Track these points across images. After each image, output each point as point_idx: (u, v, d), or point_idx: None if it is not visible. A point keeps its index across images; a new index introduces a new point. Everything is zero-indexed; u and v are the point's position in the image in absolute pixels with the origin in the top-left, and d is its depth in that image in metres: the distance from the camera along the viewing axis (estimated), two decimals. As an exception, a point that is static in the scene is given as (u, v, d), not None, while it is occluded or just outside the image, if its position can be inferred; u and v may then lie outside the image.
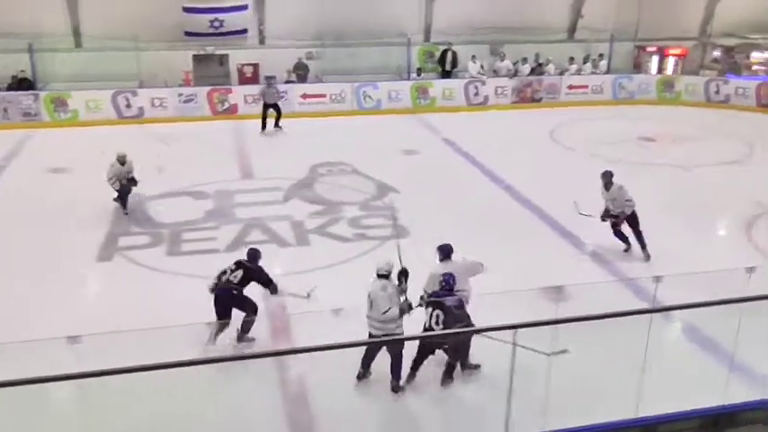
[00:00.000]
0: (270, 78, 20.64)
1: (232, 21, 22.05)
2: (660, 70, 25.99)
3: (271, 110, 19.88)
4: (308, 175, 15.87)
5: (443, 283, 8.02)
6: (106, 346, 6.09)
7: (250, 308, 8.71)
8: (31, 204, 13.93)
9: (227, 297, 8.63)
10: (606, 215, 11.78)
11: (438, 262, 8.60)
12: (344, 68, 23.19)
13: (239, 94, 21.54)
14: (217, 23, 21.78)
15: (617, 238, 11.85)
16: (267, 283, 8.86)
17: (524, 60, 23.98)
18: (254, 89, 21.71)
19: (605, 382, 7.85)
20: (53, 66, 21.52)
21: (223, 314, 8.56)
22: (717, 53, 26.77)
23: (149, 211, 13.63)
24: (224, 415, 7.11)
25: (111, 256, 11.69)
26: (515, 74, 23.63)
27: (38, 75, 21.36)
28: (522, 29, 24.59)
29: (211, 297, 8.66)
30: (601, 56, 24.78)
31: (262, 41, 23.24)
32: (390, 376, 7.81)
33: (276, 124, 19.96)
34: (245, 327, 8.63)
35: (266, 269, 8.99)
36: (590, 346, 8.21)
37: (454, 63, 23.82)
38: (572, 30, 25.97)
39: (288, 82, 22.47)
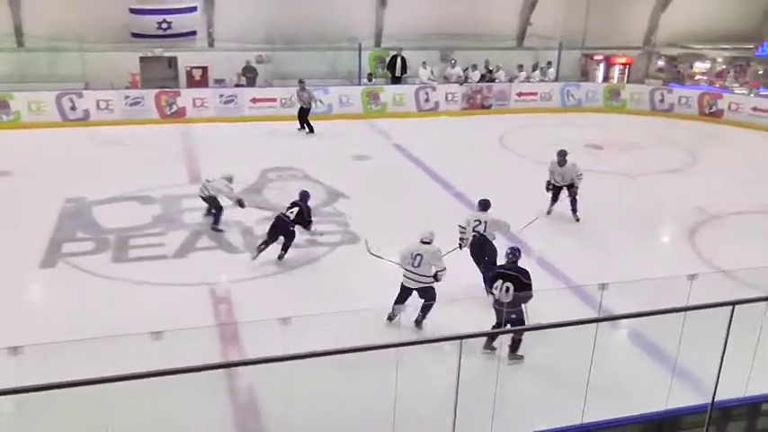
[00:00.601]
0: (301, 82, 20.52)
1: (180, 22, 21.74)
2: (606, 78, 26.56)
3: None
4: (257, 181, 15.74)
5: (510, 255, 8.86)
6: (49, 357, 5.95)
7: (291, 239, 11.43)
8: (-31, 209, 13.51)
9: (283, 225, 11.38)
10: (549, 186, 13.85)
11: (476, 211, 10.79)
12: (295, 73, 23.10)
13: (188, 97, 21.25)
14: (165, 25, 21.44)
15: (550, 197, 13.87)
16: (307, 223, 11.63)
17: (474, 67, 24.22)
18: (203, 92, 21.53)
19: (552, 388, 7.96)
20: (-6, 66, 20.97)
21: (273, 237, 11.39)
22: (661, 63, 27.53)
23: (95, 216, 13.33)
24: (173, 425, 7.01)
25: (54, 263, 11.37)
26: (465, 80, 23.84)
27: (-23, 75, 20.76)
28: (471, 36, 24.86)
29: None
30: (549, 63, 25.18)
31: (211, 44, 22.99)
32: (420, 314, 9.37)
33: (302, 127, 20.24)
34: (285, 247, 11.41)
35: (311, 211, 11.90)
36: (537, 353, 8.34)
37: (404, 69, 23.91)
38: (521, 37, 26.34)
39: (237, 86, 22.29)
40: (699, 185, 16.38)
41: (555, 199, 13.88)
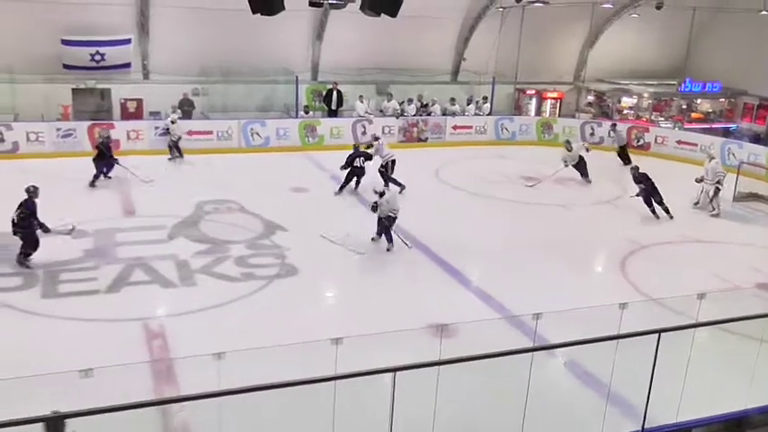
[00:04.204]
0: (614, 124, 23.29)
1: (114, 55, 21.43)
2: (539, 112, 27.28)
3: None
4: (193, 213, 15.52)
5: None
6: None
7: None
8: None
9: None
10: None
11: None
12: (231, 105, 23.01)
13: (122, 130, 20.86)
14: (98, 57, 21.13)
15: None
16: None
17: (410, 101, 24.55)
18: (138, 124, 21.18)
19: (489, 419, 7.99)
20: None
21: None
22: (590, 97, 28.45)
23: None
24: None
25: (-21, 299, 10.97)
26: (401, 114, 24.13)
27: None
28: (407, 70, 25.28)
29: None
30: (485, 98, 25.71)
31: (146, 76, 22.71)
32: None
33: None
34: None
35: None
36: (474, 383, 8.38)
37: (340, 102, 24.09)
38: (455, 72, 26.89)
39: (172, 118, 22.04)
40: (629, 216, 16.87)
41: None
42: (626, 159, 22.06)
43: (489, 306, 11.49)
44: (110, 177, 17.83)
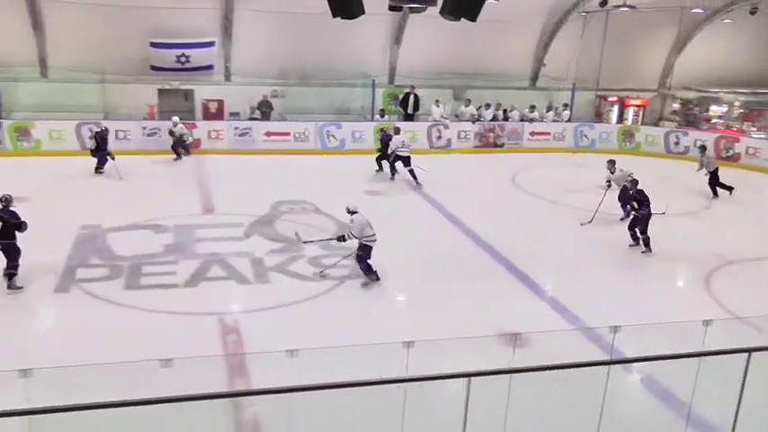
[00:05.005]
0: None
1: (199, 57, 22.09)
2: (621, 120, 26.62)
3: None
4: (269, 213, 15.78)
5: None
6: (58, 381, 5.92)
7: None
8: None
9: None
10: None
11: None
12: (308, 107, 23.32)
13: (203, 130, 21.48)
14: (183, 59, 21.80)
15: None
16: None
17: (487, 106, 24.36)
18: (218, 125, 21.71)
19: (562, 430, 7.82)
20: (17, 95, 21.34)
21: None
22: (676, 105, 27.55)
23: (109, 243, 13.38)
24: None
25: (68, 288, 11.39)
26: (478, 119, 23.96)
27: (2, 104, 21.09)
28: (485, 75, 25.10)
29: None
30: (565, 105, 25.28)
31: (227, 78, 23.27)
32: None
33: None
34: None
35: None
36: (547, 395, 8.22)
37: (416, 106, 24.11)
38: (534, 78, 26.54)
39: (251, 119, 22.51)
40: (715, 230, 16.22)
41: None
42: (718, 187, 19.17)
43: (563, 317, 11.23)
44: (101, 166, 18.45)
